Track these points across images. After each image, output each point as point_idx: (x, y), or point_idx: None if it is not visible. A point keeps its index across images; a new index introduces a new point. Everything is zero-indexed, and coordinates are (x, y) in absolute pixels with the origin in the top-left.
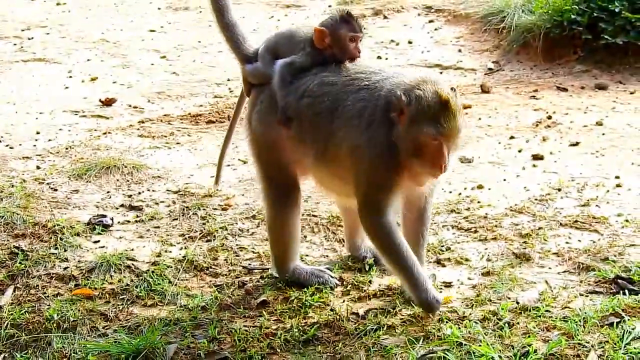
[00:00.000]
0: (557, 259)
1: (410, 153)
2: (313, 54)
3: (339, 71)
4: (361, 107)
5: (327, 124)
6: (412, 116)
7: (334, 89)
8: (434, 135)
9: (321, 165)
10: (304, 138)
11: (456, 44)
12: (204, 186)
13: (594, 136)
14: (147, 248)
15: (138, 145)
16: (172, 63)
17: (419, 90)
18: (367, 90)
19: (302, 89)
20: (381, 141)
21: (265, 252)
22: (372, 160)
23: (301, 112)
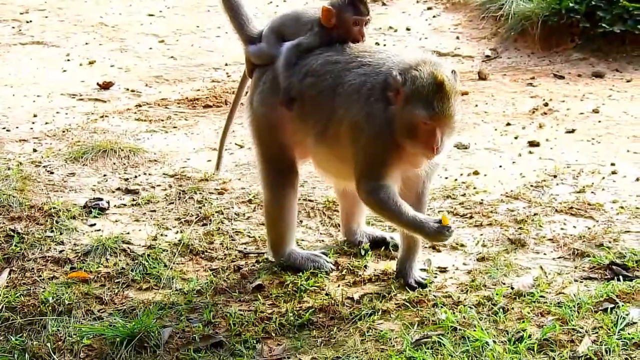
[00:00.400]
0: (552, 245)
1: (404, 133)
2: (321, 33)
3: (343, 50)
4: (361, 82)
5: (329, 101)
6: (407, 96)
7: (337, 67)
8: (426, 117)
9: (322, 146)
10: (306, 118)
11: (454, 31)
12: (200, 170)
13: (590, 123)
14: (143, 232)
15: (135, 129)
16: (170, 47)
17: (416, 71)
18: (369, 66)
19: (305, 69)
20: (379, 117)
21: (261, 236)
22: (369, 136)
23: (304, 92)
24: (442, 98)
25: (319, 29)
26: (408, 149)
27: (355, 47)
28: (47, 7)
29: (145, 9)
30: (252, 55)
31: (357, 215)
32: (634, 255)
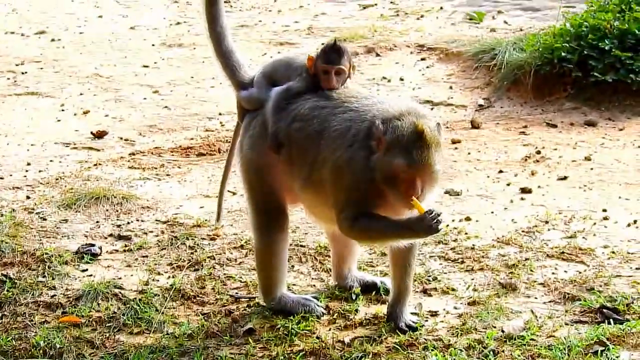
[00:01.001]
0: (543, 289)
1: (385, 182)
2: (309, 79)
3: (330, 95)
4: (346, 127)
5: (315, 146)
6: (388, 145)
7: (324, 112)
8: (405, 167)
9: (309, 190)
10: (293, 163)
11: (447, 81)
12: (192, 216)
13: (583, 171)
14: (134, 277)
15: (128, 176)
16: (165, 97)
17: (398, 120)
18: (355, 112)
19: (293, 114)
20: (360, 164)
21: (252, 281)
22: (350, 180)
23: (291, 137)
24: (422, 147)
25: (307, 75)
26: (389, 198)
27: (343, 93)
28: (42, 59)
29: (140, 60)
30: (243, 100)
31: (348, 259)
32: (624, 299)
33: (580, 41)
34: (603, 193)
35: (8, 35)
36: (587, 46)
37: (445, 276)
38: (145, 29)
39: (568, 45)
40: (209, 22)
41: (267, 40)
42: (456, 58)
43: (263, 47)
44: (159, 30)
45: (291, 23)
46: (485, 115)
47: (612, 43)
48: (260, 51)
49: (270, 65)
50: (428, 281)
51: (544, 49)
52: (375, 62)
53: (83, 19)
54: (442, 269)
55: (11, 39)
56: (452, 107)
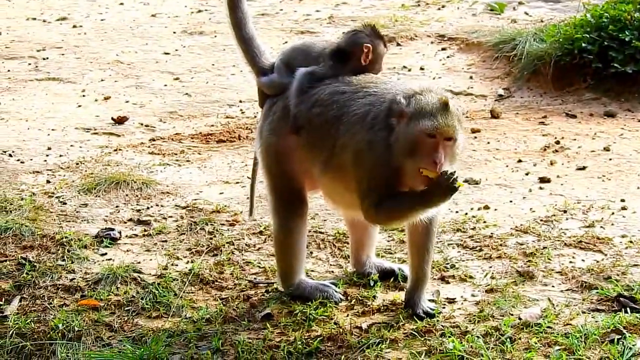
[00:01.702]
0: (561, 278)
1: (405, 152)
2: (334, 66)
3: (350, 81)
4: (365, 111)
5: (334, 131)
6: (411, 115)
7: (343, 97)
8: (429, 129)
9: (328, 175)
10: (312, 147)
11: (468, 71)
12: (212, 202)
13: (601, 161)
14: (153, 261)
15: (148, 162)
16: (185, 84)
17: (420, 95)
18: (374, 96)
19: (313, 99)
20: (381, 145)
21: (271, 267)
22: (371, 163)
23: (311, 121)
24: (446, 114)
25: (332, 62)
26: (409, 170)
27: (362, 78)
28: (63, 45)
29: (161, 47)
30: (264, 86)
31: (367, 246)
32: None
33: (600, 32)
34: (621, 183)
35: (30, 22)
36: (608, 37)
37: (463, 264)
38: (167, 17)
39: (588, 36)
40: (230, 8)
41: (288, 28)
42: (477, 48)
43: (284, 36)
44: (180, 18)
45: (312, 12)
46: (505, 105)
47: (633, 34)
48: (281, 40)
49: (289, 51)
50: (446, 268)
51: (564, 39)
52: (396, 51)
53: (105, 5)
54: (460, 256)
55: (33, 24)
56: (472, 97)
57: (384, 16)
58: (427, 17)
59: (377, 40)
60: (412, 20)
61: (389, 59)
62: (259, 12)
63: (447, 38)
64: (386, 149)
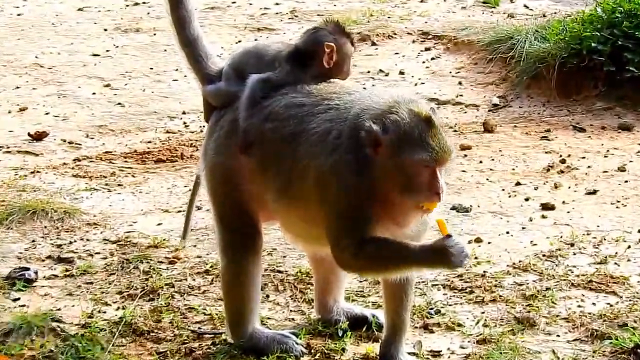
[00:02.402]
0: (567, 325)
1: (399, 188)
2: (292, 71)
3: (310, 91)
4: (326, 128)
5: (291, 151)
6: (394, 145)
7: (302, 111)
8: (428, 160)
9: (286, 203)
10: (266, 169)
11: (456, 75)
12: (148, 235)
13: (615, 184)
14: (76, 308)
15: (72, 186)
16: (118, 92)
17: (392, 114)
18: (336, 110)
19: (267, 111)
20: (348, 170)
21: (219, 313)
22: (339, 192)
23: (264, 137)
24: (436, 134)
25: (290, 67)
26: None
27: (325, 88)
28: None
29: (89, 48)
30: (210, 95)
31: (334, 288)
32: None
33: (613, 29)
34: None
35: None
36: (622, 35)
37: (451, 309)
38: (96, 11)
39: (599, 34)
40: (172, 3)
41: (242, 25)
42: (467, 48)
43: (237, 34)
44: (113, 12)
45: (271, 5)
46: (500, 116)
47: None
48: (233, 38)
49: (239, 56)
50: (429, 315)
51: (570, 38)
52: (371, 52)
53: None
54: (447, 300)
55: None
56: (462, 107)
57: (357, 10)
58: (407, 11)
59: (343, 39)
60: (390, 14)
61: (363, 62)
62: (208, 5)
63: (431, 36)
64: (356, 174)
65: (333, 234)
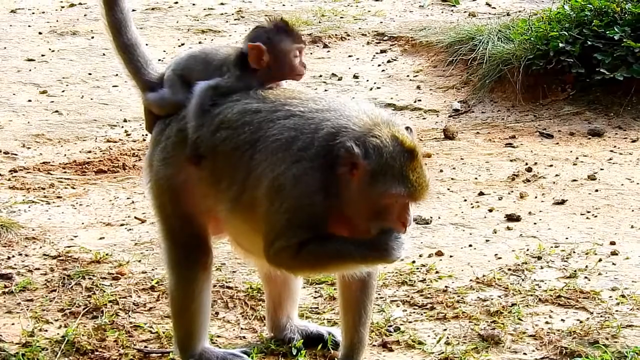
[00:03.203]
0: (535, 343)
1: (365, 213)
2: (241, 76)
3: (266, 96)
4: (290, 137)
5: (247, 159)
6: (373, 172)
7: (257, 117)
8: (403, 196)
9: (238, 216)
10: (218, 180)
11: (414, 79)
12: (90, 250)
13: (585, 193)
14: (16, 326)
15: (8, 199)
16: (55, 100)
17: (375, 137)
18: (300, 117)
19: (218, 119)
20: (314, 185)
21: (166, 331)
22: (295, 203)
23: (216, 148)
24: (417, 168)
25: (239, 71)
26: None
27: (281, 93)
28: None
29: (23, 52)
30: (153, 104)
31: (287, 305)
32: (636, 354)
33: (582, 28)
34: (611, 221)
35: None
36: (592, 35)
37: (411, 325)
38: (30, 12)
39: (567, 33)
40: (106, 5)
41: (185, 27)
42: (425, 50)
43: (180, 36)
44: (48, 14)
45: (215, 5)
46: (462, 122)
47: (623, 31)
48: (176, 41)
49: (184, 61)
50: (388, 332)
51: (536, 38)
52: (323, 55)
53: None
54: (407, 316)
55: None
56: (421, 112)
57: (307, 10)
58: (361, 11)
59: (279, 36)
60: (343, 14)
61: (315, 65)
62: (148, 6)
63: (387, 37)
64: (319, 191)
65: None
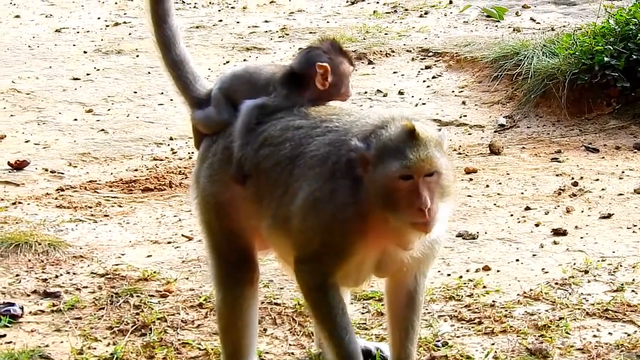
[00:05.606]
0: (582, 356)
1: (381, 204)
2: (289, 95)
3: (308, 113)
4: (325, 153)
5: (286, 175)
6: (376, 160)
7: (299, 133)
8: (400, 169)
9: (277, 231)
10: (261, 198)
11: (459, 94)
12: (138, 268)
13: (632, 207)
14: (65, 344)
15: (56, 218)
16: (101, 118)
17: (381, 129)
18: (335, 132)
19: (262, 137)
20: (347, 195)
21: (214, 349)
22: (332, 216)
23: (259, 165)
24: (417, 145)
25: (287, 89)
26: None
27: (323, 109)
28: None
29: (69, 72)
30: (199, 123)
31: None
32: None
33: (627, 42)
34: None
35: None
36: (637, 49)
37: (459, 340)
38: (75, 32)
39: (612, 47)
40: (155, 23)
41: (230, 44)
42: (470, 66)
43: (224, 54)
44: (92, 33)
45: (260, 23)
46: (507, 137)
47: None
48: (221, 59)
49: (229, 79)
50: (436, 347)
51: (581, 52)
52: (368, 71)
53: None
54: (455, 331)
55: None
56: (466, 128)
57: (352, 27)
58: (405, 27)
59: (339, 58)
60: (388, 30)
61: (360, 82)
62: (193, 24)
63: (432, 53)
64: (351, 202)
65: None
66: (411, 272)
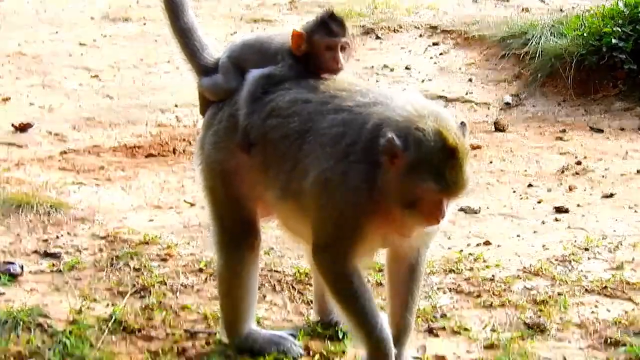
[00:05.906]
0: (580, 332)
1: (401, 203)
2: (294, 65)
3: (316, 86)
4: (339, 132)
5: (295, 149)
6: (410, 164)
7: (307, 108)
8: (436, 191)
9: (286, 203)
10: (267, 168)
11: (466, 72)
12: (139, 232)
13: (634, 187)
14: (64, 303)
15: (58, 180)
16: (106, 84)
17: (418, 131)
18: (350, 112)
19: (269, 107)
20: (360, 179)
21: (213, 313)
22: (343, 198)
23: (266, 135)
24: (455, 167)
25: (292, 59)
26: (403, 219)
27: (330, 84)
28: None
29: (76, 37)
30: (206, 90)
31: None
32: None
33: (636, 25)
34: None
35: None
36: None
37: (457, 312)
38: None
39: (620, 29)
40: None
41: (238, 15)
42: (478, 44)
43: (232, 25)
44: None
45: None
46: (512, 115)
47: None
48: (229, 29)
49: (239, 48)
50: (435, 318)
51: (589, 34)
52: (375, 46)
53: None
54: (453, 303)
55: None
56: (472, 105)
57: (361, 2)
58: (414, 4)
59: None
60: (396, 7)
61: (367, 56)
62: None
63: (440, 30)
64: (365, 186)
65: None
66: (413, 247)
